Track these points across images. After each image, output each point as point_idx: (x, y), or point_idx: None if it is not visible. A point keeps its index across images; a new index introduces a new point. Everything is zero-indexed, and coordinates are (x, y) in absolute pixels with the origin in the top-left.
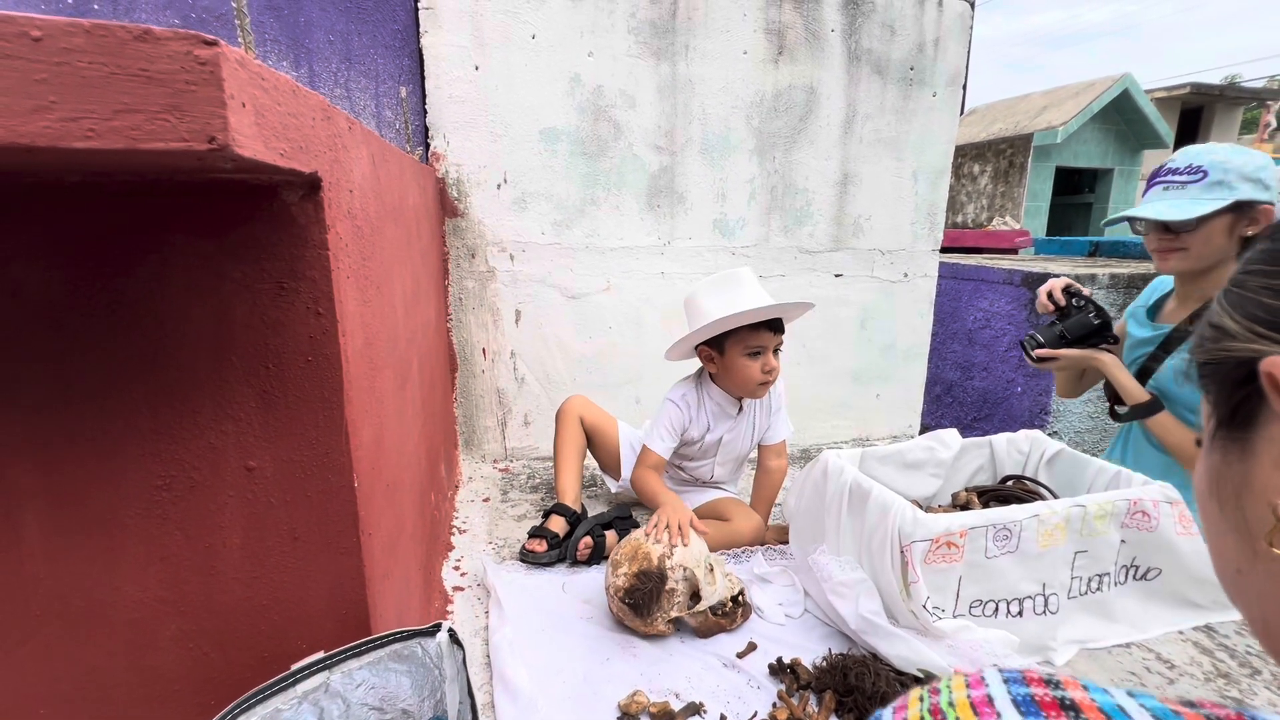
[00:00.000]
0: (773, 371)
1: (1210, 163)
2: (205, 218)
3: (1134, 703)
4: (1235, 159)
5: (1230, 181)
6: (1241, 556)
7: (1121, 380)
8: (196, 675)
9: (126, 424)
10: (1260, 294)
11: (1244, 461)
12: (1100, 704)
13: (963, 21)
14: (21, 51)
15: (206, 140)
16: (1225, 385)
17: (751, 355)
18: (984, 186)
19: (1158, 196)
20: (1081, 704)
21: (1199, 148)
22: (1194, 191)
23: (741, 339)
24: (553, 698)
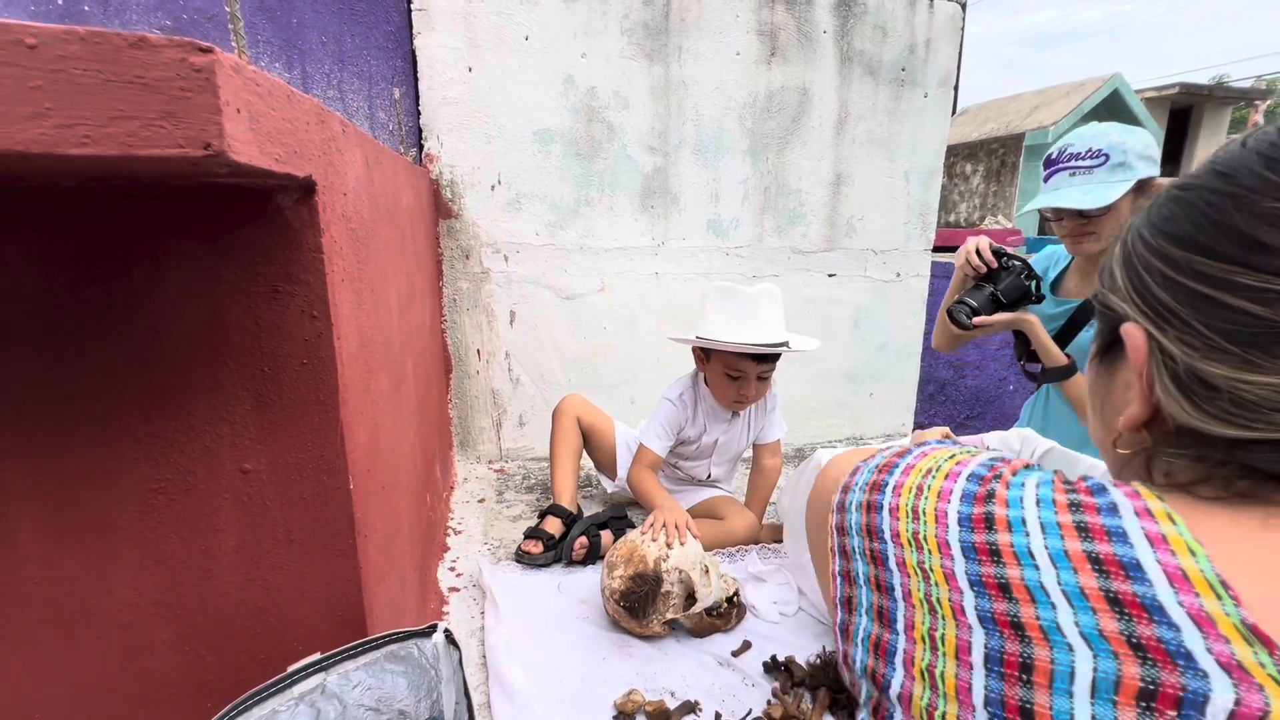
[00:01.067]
0: (746, 399)
1: (1109, 145)
2: (199, 221)
3: (1033, 494)
4: (1129, 139)
5: (1130, 162)
6: (1104, 440)
7: (1044, 342)
8: (192, 679)
9: (121, 427)
10: (1140, 264)
11: (1109, 381)
12: (1009, 499)
13: (954, 23)
14: (17, 59)
15: (202, 146)
16: (1106, 325)
17: (731, 377)
18: (976, 186)
19: (1066, 183)
20: (998, 495)
21: (1091, 130)
22: (1100, 175)
23: (724, 358)
24: (549, 698)
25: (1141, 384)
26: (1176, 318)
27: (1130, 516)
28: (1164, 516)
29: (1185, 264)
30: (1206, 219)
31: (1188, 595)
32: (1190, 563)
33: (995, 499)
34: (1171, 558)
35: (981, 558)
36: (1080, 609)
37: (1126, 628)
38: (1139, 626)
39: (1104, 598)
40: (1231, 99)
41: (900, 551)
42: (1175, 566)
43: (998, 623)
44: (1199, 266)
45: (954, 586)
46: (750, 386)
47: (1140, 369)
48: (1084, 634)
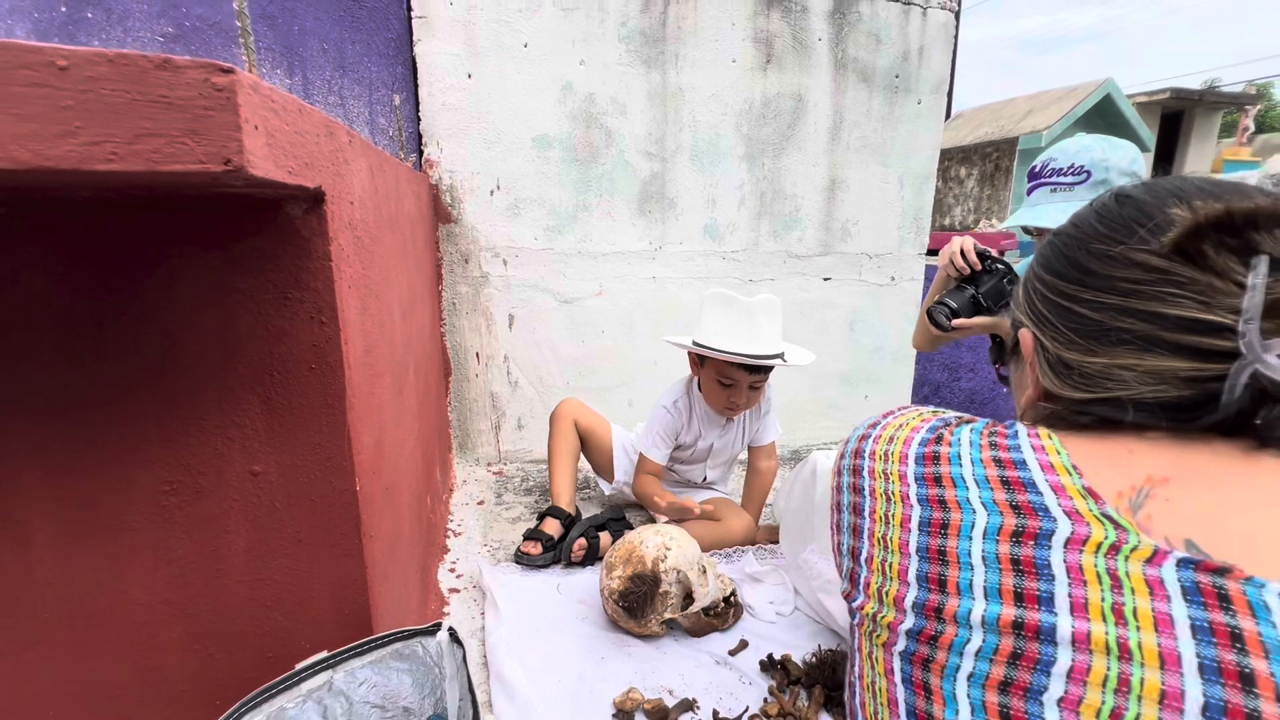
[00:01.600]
0: (737, 406)
1: (1091, 162)
2: (212, 231)
3: (967, 438)
4: (1113, 155)
5: (1111, 179)
6: (1021, 414)
7: None
8: (202, 676)
9: (134, 430)
10: (1029, 287)
11: (1018, 371)
12: (950, 454)
13: (946, 31)
14: (49, 80)
15: (223, 162)
16: (1015, 330)
17: (723, 384)
18: (970, 189)
19: (1046, 199)
20: (941, 456)
21: (1075, 144)
22: (1081, 194)
23: (717, 366)
24: (549, 696)
25: (1032, 371)
26: (1048, 323)
27: (1024, 437)
28: (1045, 435)
29: (1052, 285)
30: (1063, 254)
31: (1050, 475)
32: (1056, 459)
33: (942, 441)
34: (1044, 456)
35: (926, 470)
36: (983, 488)
37: (1010, 497)
38: (1018, 495)
39: (1000, 481)
40: (1222, 104)
41: (872, 483)
42: (1046, 460)
43: (929, 502)
44: (1058, 287)
45: (905, 497)
46: (741, 395)
47: (1029, 359)
48: (983, 502)
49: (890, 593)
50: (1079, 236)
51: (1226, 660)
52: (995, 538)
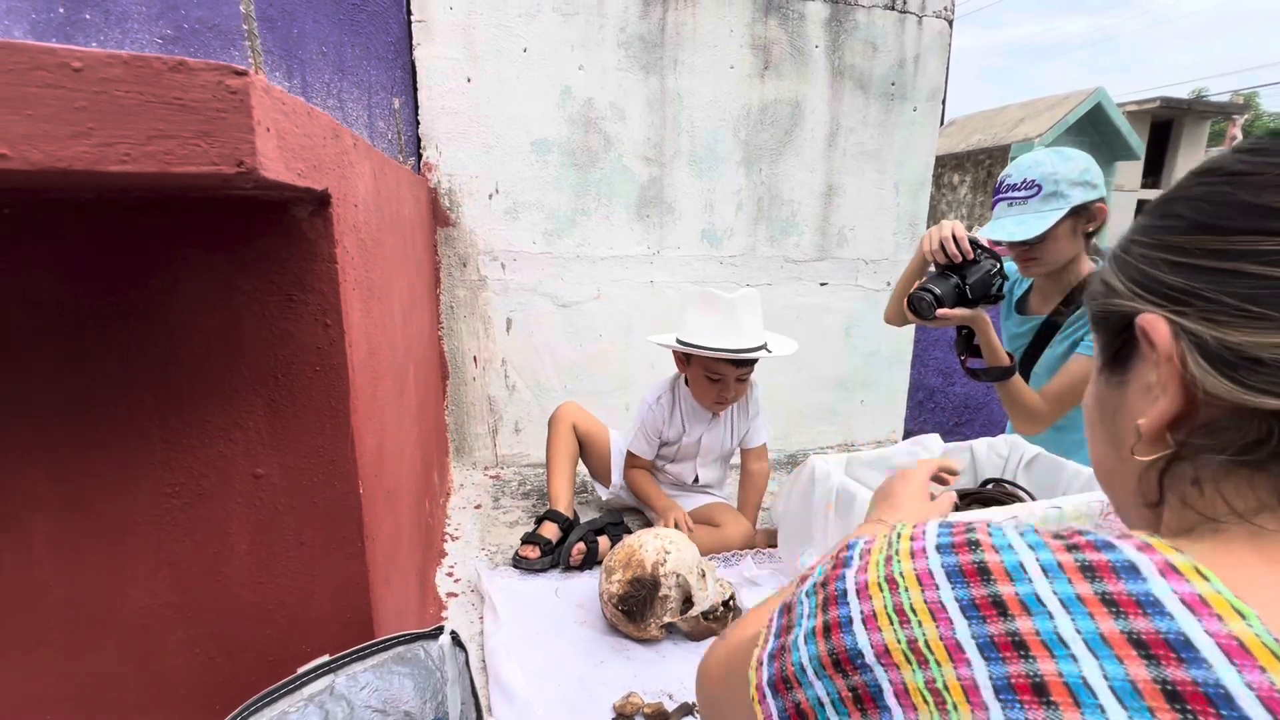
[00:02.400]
0: (726, 400)
1: (1041, 176)
2: (217, 233)
3: (1031, 555)
4: (1062, 168)
5: (1062, 190)
6: (1112, 459)
7: (992, 341)
8: (203, 680)
9: (137, 433)
10: (1140, 261)
11: (1120, 390)
12: (1006, 564)
13: (941, 39)
14: (63, 81)
15: (235, 164)
16: (1111, 332)
17: (711, 379)
18: (963, 196)
19: (1004, 213)
20: (992, 566)
21: (1029, 160)
22: (1034, 205)
23: (704, 362)
24: (548, 700)
25: (1173, 371)
26: (1197, 297)
27: (1156, 578)
28: (1192, 572)
29: (1192, 247)
30: (1207, 203)
31: (1210, 621)
32: (1242, 628)
33: (977, 544)
34: (1220, 625)
35: (974, 592)
36: (1100, 653)
37: (1157, 673)
38: (1169, 670)
39: (1126, 640)
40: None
41: (892, 672)
42: (1228, 636)
43: (998, 649)
44: (1209, 245)
45: (954, 649)
46: (729, 388)
47: (1169, 353)
48: (1110, 684)
49: None
50: (1227, 177)
51: None
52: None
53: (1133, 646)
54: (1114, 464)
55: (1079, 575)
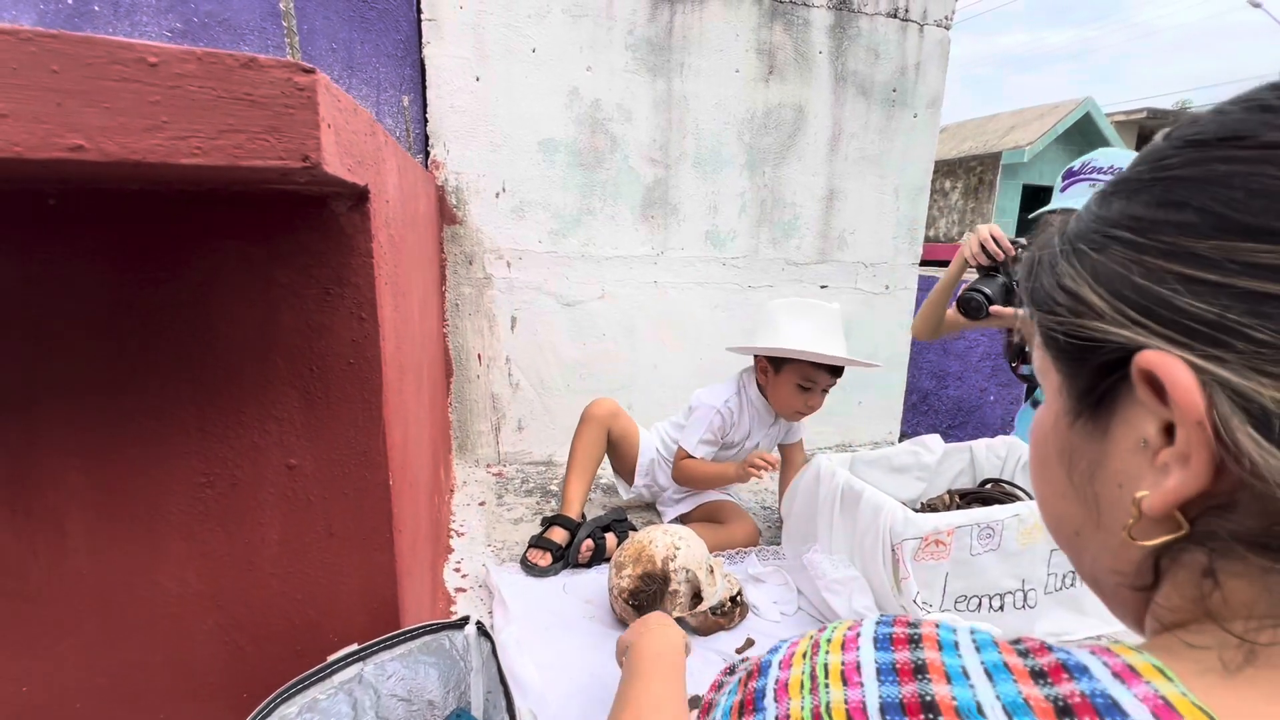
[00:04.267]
0: (812, 409)
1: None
2: (256, 225)
3: (976, 659)
4: None
5: None
6: (1083, 523)
7: None
8: (232, 668)
9: (173, 422)
10: (1129, 269)
11: (1100, 442)
12: (947, 666)
13: (942, 47)
14: (139, 75)
15: (301, 159)
16: (1084, 364)
17: (803, 388)
18: (955, 202)
19: (1085, 192)
20: (931, 665)
21: (1117, 151)
22: None
23: (801, 369)
24: (561, 693)
25: (1201, 439)
26: (1241, 336)
27: (1096, 666)
28: (1191, 710)
29: (1226, 260)
30: (1246, 191)
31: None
32: (1182, 702)
33: (920, 643)
34: (1159, 704)
35: (904, 690)
36: None
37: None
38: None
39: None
40: None
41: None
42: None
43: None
44: (1259, 258)
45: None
46: (818, 397)
47: (1197, 415)
48: None
49: None
50: (1268, 151)
51: None
52: None
53: None
54: (1087, 529)
55: (1027, 678)
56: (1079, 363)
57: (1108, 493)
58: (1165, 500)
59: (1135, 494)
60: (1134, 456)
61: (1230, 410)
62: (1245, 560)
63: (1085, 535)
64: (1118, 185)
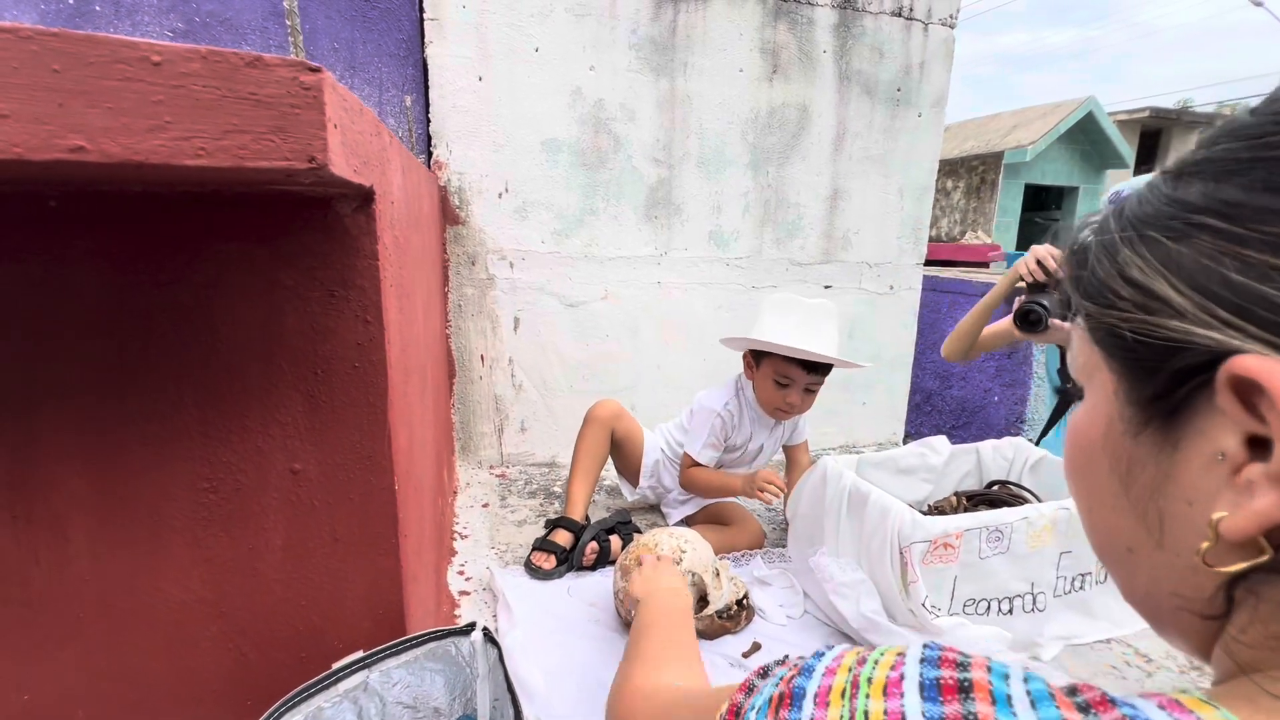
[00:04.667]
0: (793, 408)
1: None
2: (260, 227)
3: (1022, 688)
4: None
5: None
6: (1138, 540)
7: None
8: (235, 675)
9: (176, 427)
10: (1220, 263)
11: (1169, 455)
12: (994, 690)
13: (946, 46)
14: (142, 75)
15: (307, 160)
16: (1156, 368)
17: (779, 384)
18: (957, 201)
19: None
20: (977, 684)
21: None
22: None
23: (775, 364)
24: (567, 698)
25: None
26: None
27: None
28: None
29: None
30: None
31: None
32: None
33: (974, 692)
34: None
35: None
36: None
37: None
38: None
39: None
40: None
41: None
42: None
43: None
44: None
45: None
46: (796, 395)
47: None
48: None
49: None
50: None
51: None
52: None
53: None
54: (1143, 548)
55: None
56: (1150, 366)
57: (1174, 510)
58: (1251, 524)
59: (1211, 515)
60: (1208, 472)
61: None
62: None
63: (1140, 554)
64: (1197, 164)
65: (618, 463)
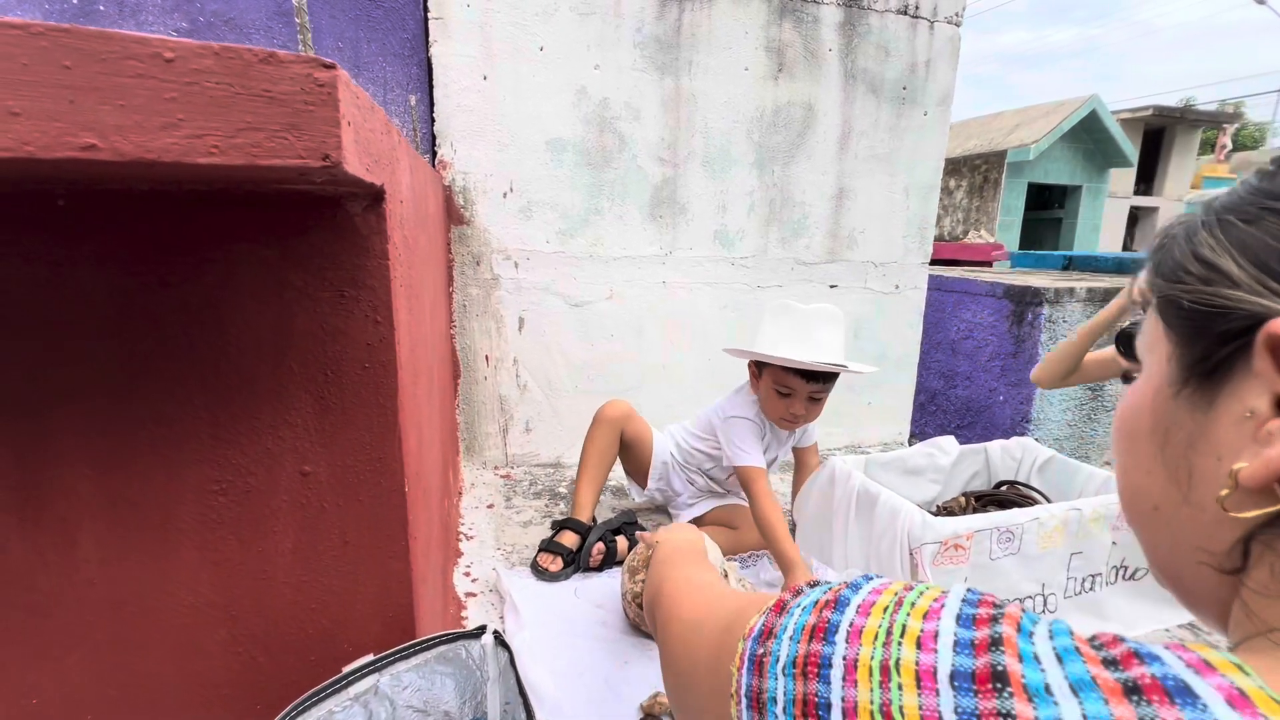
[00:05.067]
0: (796, 418)
1: None
2: (269, 227)
3: (1048, 645)
4: None
5: None
6: (1165, 498)
7: None
8: (244, 679)
9: (185, 429)
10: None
11: (1202, 414)
12: (1021, 649)
13: (952, 44)
14: (154, 72)
15: (321, 158)
16: (1205, 335)
17: (780, 394)
18: (960, 200)
19: None
20: (1006, 640)
21: None
22: None
23: (774, 374)
24: (576, 700)
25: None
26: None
27: (1221, 708)
28: (1269, 705)
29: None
30: None
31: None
32: None
33: (1002, 647)
34: None
35: (983, 706)
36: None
37: None
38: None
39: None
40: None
41: None
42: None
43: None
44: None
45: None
46: (800, 404)
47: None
48: None
49: None
50: None
51: None
52: None
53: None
54: (1169, 504)
55: (1120, 698)
56: (1198, 330)
57: (1204, 464)
58: (1267, 470)
59: (1233, 465)
60: (1237, 428)
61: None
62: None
63: (1166, 510)
64: None
65: (626, 464)
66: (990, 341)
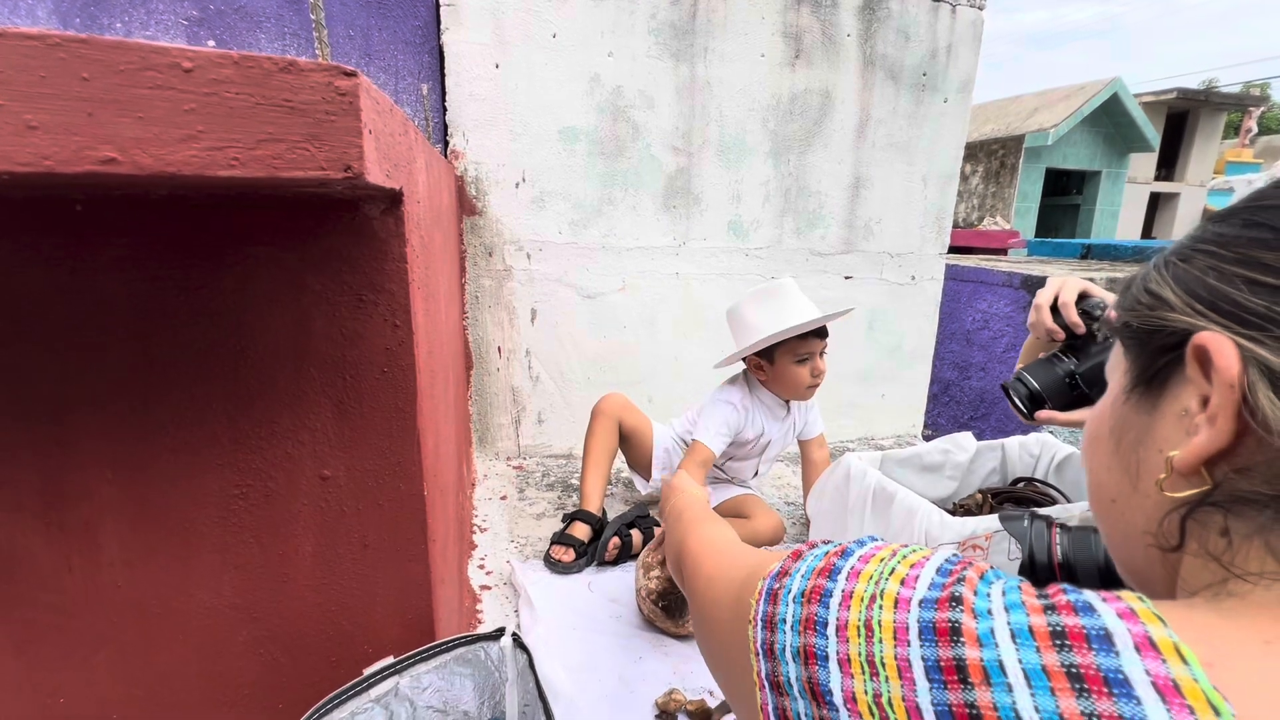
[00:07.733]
0: (820, 374)
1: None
2: (287, 231)
3: (1001, 601)
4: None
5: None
6: (1120, 490)
7: None
8: (266, 680)
9: (206, 434)
10: (1206, 274)
11: (1148, 416)
12: (976, 607)
13: (974, 29)
14: (173, 82)
15: (343, 169)
16: (1149, 350)
17: (800, 362)
18: (975, 186)
19: None
20: (965, 600)
21: None
22: None
23: (790, 348)
24: (590, 696)
25: (1229, 401)
26: (1278, 324)
27: (1130, 653)
28: (1171, 652)
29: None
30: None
31: (1182, 713)
32: (1183, 673)
33: (960, 606)
34: (1160, 666)
35: (942, 652)
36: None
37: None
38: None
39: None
40: (1227, 105)
41: (850, 682)
42: (1165, 678)
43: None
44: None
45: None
46: (820, 360)
47: (1231, 380)
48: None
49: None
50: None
51: None
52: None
53: (1072, 692)
54: (1123, 496)
55: (1048, 642)
56: (1144, 346)
57: (1149, 457)
58: (1194, 454)
59: (1169, 452)
60: (1175, 424)
61: (1258, 377)
62: (1257, 520)
63: (1121, 502)
64: (1218, 215)
65: (628, 456)
66: (1006, 332)
